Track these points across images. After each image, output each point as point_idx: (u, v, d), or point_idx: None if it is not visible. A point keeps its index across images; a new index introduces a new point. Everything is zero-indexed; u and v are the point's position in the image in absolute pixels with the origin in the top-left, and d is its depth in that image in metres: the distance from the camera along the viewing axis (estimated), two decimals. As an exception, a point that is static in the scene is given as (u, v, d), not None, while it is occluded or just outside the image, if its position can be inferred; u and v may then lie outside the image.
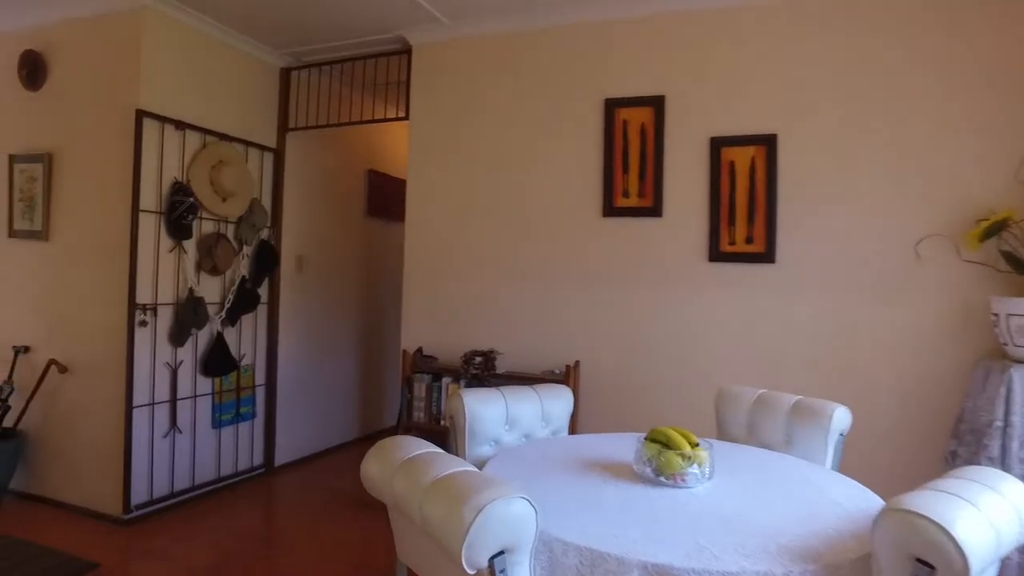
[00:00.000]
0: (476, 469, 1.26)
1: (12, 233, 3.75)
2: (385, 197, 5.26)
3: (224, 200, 3.72)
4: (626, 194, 3.27)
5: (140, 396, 3.35)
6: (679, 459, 1.70)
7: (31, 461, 3.67)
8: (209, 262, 3.66)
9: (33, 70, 3.67)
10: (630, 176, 3.27)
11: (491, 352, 3.28)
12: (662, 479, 1.71)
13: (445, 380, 3.35)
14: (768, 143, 3.02)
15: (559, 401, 2.42)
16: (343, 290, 4.90)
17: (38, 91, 3.69)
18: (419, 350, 3.53)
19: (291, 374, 4.38)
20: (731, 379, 2.94)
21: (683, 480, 1.69)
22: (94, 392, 3.45)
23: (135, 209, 3.26)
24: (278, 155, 4.20)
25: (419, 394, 3.40)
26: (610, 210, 3.30)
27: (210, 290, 3.73)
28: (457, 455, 2.22)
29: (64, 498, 3.54)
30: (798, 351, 2.97)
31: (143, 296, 3.34)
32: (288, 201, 4.27)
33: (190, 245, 3.58)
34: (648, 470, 1.74)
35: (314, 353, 4.61)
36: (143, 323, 3.32)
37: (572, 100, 3.41)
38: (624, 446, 2.02)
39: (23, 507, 3.55)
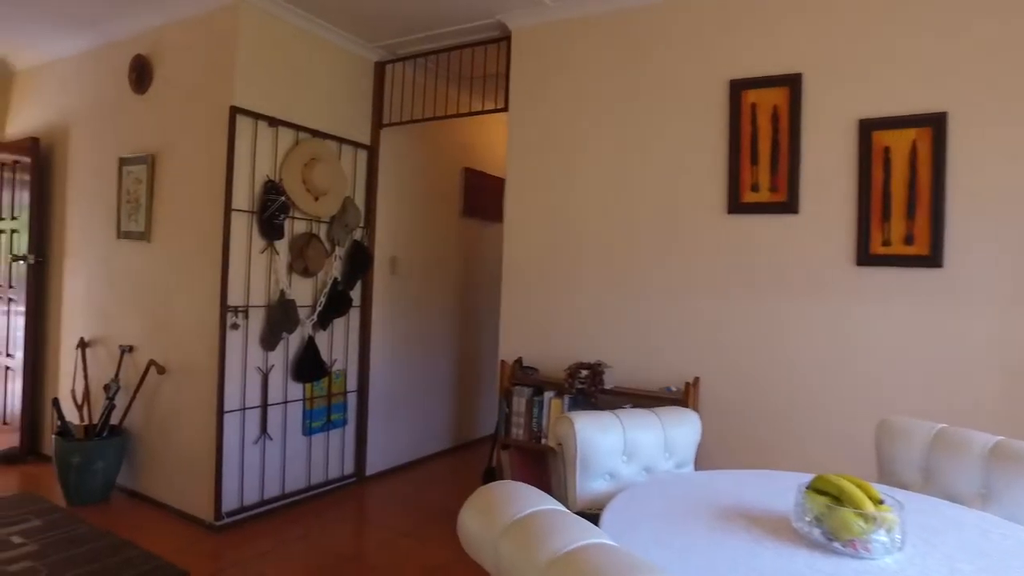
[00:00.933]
0: (612, 542, 0.94)
1: (120, 234, 3.79)
2: (482, 196, 5.03)
3: (316, 199, 3.59)
4: (755, 188, 2.85)
5: (231, 401, 3.26)
6: (859, 520, 1.32)
7: (134, 459, 3.69)
8: (301, 263, 3.54)
9: (141, 74, 3.69)
10: (759, 167, 2.85)
11: (598, 365, 2.95)
12: (836, 545, 1.33)
13: (547, 395, 3.05)
14: (935, 124, 2.52)
15: (684, 428, 2.07)
16: (438, 293, 4.71)
17: (144, 94, 3.70)
18: (518, 361, 3.25)
19: (384, 380, 4.22)
20: (888, 409, 2.47)
21: (866, 549, 1.31)
22: (188, 395, 3.40)
23: (227, 208, 3.17)
24: (372, 152, 4.05)
25: (518, 409, 3.12)
26: (736, 206, 2.89)
27: (301, 292, 3.61)
28: (566, 489, 1.91)
29: (162, 498, 3.52)
30: (977, 377, 2.45)
31: (235, 298, 3.25)
32: (382, 200, 4.11)
33: (282, 246, 3.47)
34: (816, 532, 1.36)
35: (408, 358, 4.44)
36: (235, 326, 3.23)
37: (691, 84, 3.02)
38: (773, 491, 1.65)
39: (128, 503, 3.57)
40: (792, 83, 2.79)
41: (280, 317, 3.40)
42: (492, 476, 3.28)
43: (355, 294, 3.95)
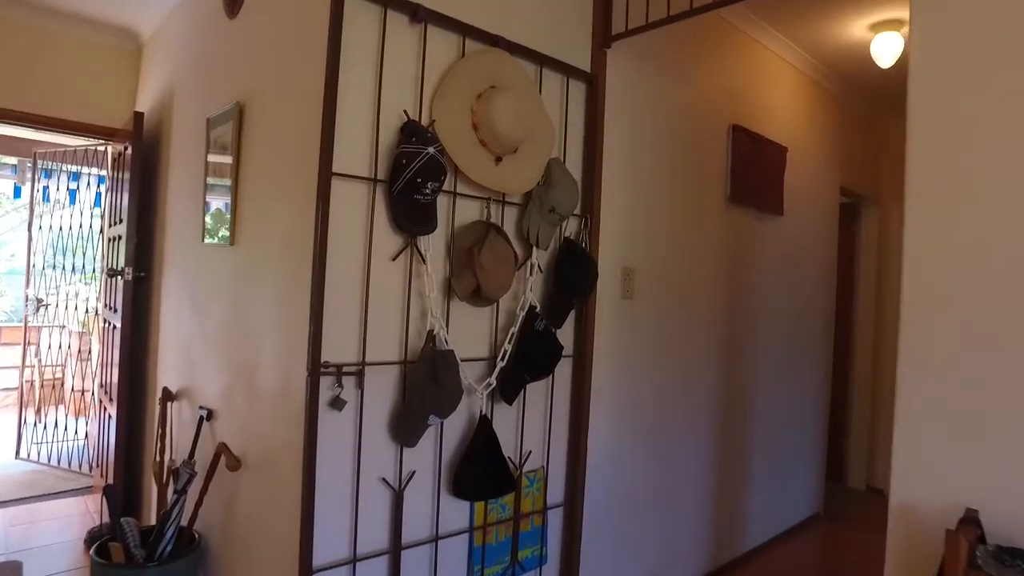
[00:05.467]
0: None
1: (205, 235, 2.46)
2: (758, 172, 3.12)
3: (498, 159, 1.93)
4: None
5: (328, 545, 1.67)
6: None
7: (212, 590, 2.30)
8: (467, 280, 1.88)
9: (236, -13, 2.36)
10: None
11: None
12: None
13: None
14: None
15: None
16: (698, 329, 2.84)
17: (236, 16, 2.35)
18: (973, 522, 1.29)
19: (609, 480, 2.44)
20: None
21: None
22: (266, 512, 1.90)
23: (324, 171, 1.61)
24: (593, 85, 2.32)
25: (997, 667, 1.16)
26: None
27: (468, 334, 1.96)
28: None
29: None
30: None
31: (336, 349, 1.66)
32: (609, 169, 2.37)
33: (433, 248, 1.84)
34: None
35: (649, 440, 2.63)
36: (336, 402, 1.64)
37: None
38: None
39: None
40: None
41: (427, 385, 1.76)
42: None
43: (564, 335, 2.22)
